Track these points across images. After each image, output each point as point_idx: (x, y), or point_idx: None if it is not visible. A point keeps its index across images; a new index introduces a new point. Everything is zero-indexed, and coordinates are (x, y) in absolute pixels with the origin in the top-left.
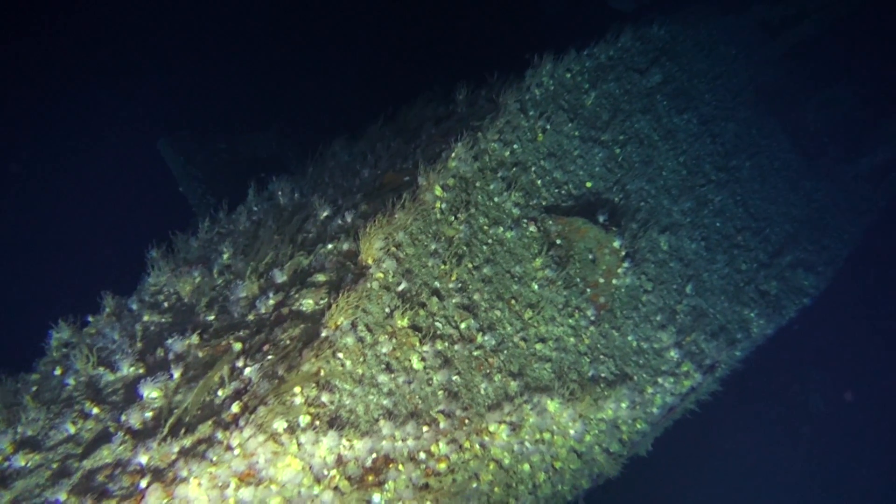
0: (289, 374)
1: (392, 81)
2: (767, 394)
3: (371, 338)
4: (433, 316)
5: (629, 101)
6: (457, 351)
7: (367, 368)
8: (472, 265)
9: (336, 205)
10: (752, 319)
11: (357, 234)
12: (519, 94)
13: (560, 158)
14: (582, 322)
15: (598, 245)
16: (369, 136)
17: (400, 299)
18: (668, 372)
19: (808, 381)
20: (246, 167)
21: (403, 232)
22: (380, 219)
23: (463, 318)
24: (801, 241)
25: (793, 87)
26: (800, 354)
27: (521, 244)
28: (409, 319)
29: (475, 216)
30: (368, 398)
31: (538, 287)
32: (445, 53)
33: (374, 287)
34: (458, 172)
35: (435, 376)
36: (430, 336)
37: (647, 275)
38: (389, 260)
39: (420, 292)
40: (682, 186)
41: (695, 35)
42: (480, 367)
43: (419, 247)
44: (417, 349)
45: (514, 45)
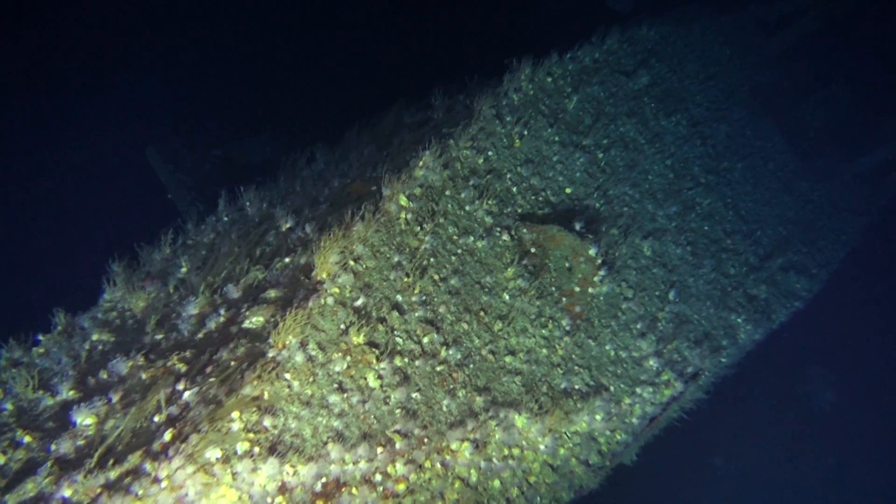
0: (228, 398)
1: (389, 83)
2: (771, 392)
3: (323, 356)
4: (393, 331)
5: (614, 104)
6: (418, 367)
7: (318, 389)
8: (439, 277)
9: (301, 215)
10: (740, 325)
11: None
12: (494, 100)
13: (538, 164)
14: (556, 332)
15: (573, 253)
16: (344, 143)
17: (356, 315)
18: (647, 381)
19: (813, 379)
20: (238, 173)
21: (363, 245)
22: (335, 232)
23: (426, 333)
24: (794, 244)
25: (790, 86)
26: (804, 353)
27: (493, 254)
28: (366, 336)
29: (444, 226)
30: (317, 420)
31: (509, 297)
32: (442, 55)
33: (328, 303)
34: (425, 181)
35: (392, 394)
36: (388, 352)
37: (628, 282)
38: (346, 274)
39: (380, 307)
40: (668, 190)
41: (686, 35)
42: (443, 383)
43: (381, 259)
44: (374, 367)
45: (509, 46)
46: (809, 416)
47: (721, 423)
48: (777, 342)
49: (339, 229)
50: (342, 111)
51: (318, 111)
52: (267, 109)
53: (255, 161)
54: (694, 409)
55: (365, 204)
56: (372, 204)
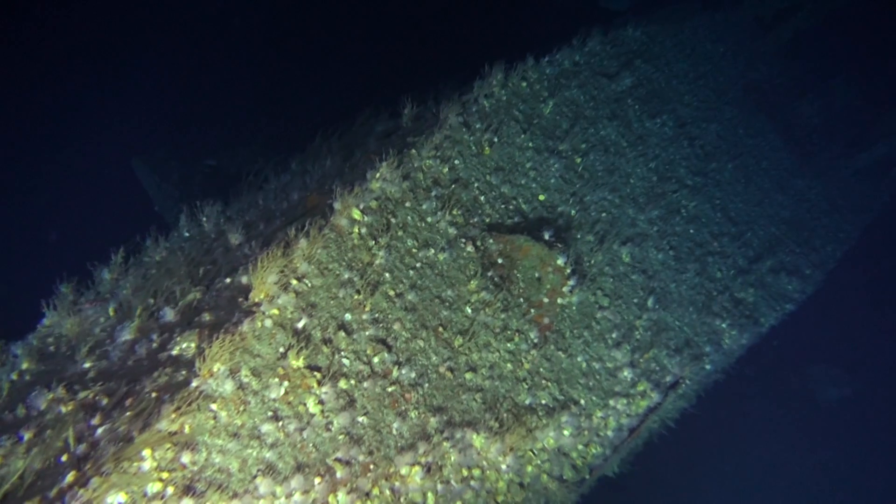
0: (140, 433)
1: (385, 87)
2: (775, 388)
3: (258, 383)
4: (339, 352)
5: (595, 107)
6: (366, 389)
7: (249, 418)
8: (395, 292)
9: (254, 231)
10: (724, 331)
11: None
12: (460, 107)
13: (509, 172)
14: (522, 346)
15: (541, 263)
16: (310, 152)
17: (297, 337)
18: (621, 393)
19: (818, 374)
20: (230, 184)
21: (307, 262)
22: (274, 251)
23: (376, 352)
24: (787, 244)
25: (787, 82)
26: (809, 349)
27: (456, 266)
28: (307, 359)
29: (402, 239)
30: (246, 452)
31: (472, 311)
32: (436, 57)
33: (265, 326)
34: (382, 194)
35: (335, 420)
36: (331, 375)
37: (604, 290)
38: (286, 295)
39: (326, 327)
40: (650, 194)
41: (676, 34)
42: (394, 405)
43: (329, 277)
44: (315, 391)
45: (502, 48)
46: (814, 414)
47: (725, 425)
48: (780, 341)
49: (278, 248)
50: (336, 117)
51: (311, 118)
52: (259, 118)
53: (249, 171)
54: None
55: (309, 220)
56: (322, 218)
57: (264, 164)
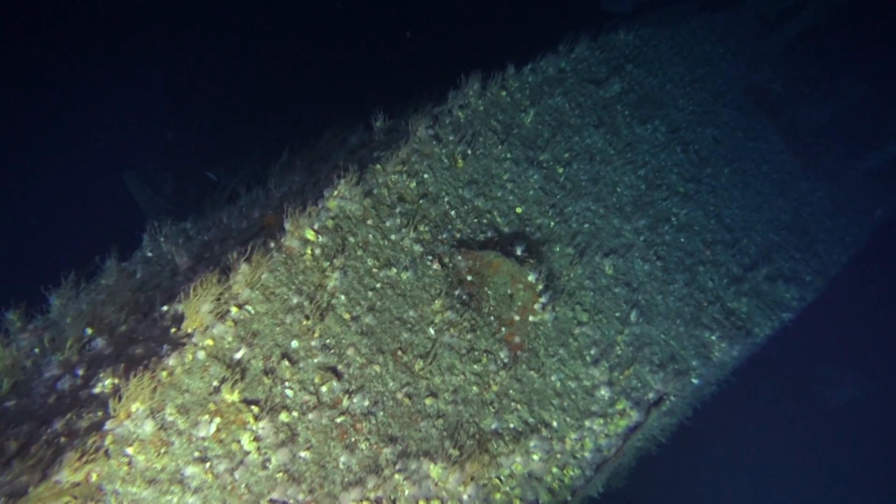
0: (37, 486)
1: (385, 94)
2: (783, 390)
3: (185, 421)
4: (282, 383)
5: (580, 115)
6: (310, 421)
7: (171, 461)
8: (350, 315)
9: (211, 252)
10: (714, 343)
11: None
12: (430, 120)
13: (484, 185)
14: (491, 367)
15: (511, 280)
16: (276, 168)
17: (233, 369)
18: (598, 413)
19: (824, 376)
20: (225, 196)
21: (250, 288)
22: (209, 278)
23: (325, 381)
24: (787, 250)
25: (792, 82)
26: (817, 351)
27: (420, 285)
28: (242, 392)
29: (362, 259)
30: (164, 500)
31: (435, 332)
32: (435, 62)
33: (198, 358)
34: (341, 212)
35: (273, 456)
36: (271, 408)
37: (583, 305)
38: (223, 324)
39: (269, 356)
40: (638, 203)
41: (672, 36)
42: (343, 436)
43: (275, 302)
44: (251, 427)
45: (497, 52)
46: (823, 415)
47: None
48: (788, 343)
49: (213, 274)
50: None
51: (310, 125)
52: (257, 127)
53: (245, 183)
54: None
55: (253, 242)
56: (272, 240)
57: (233, 179)
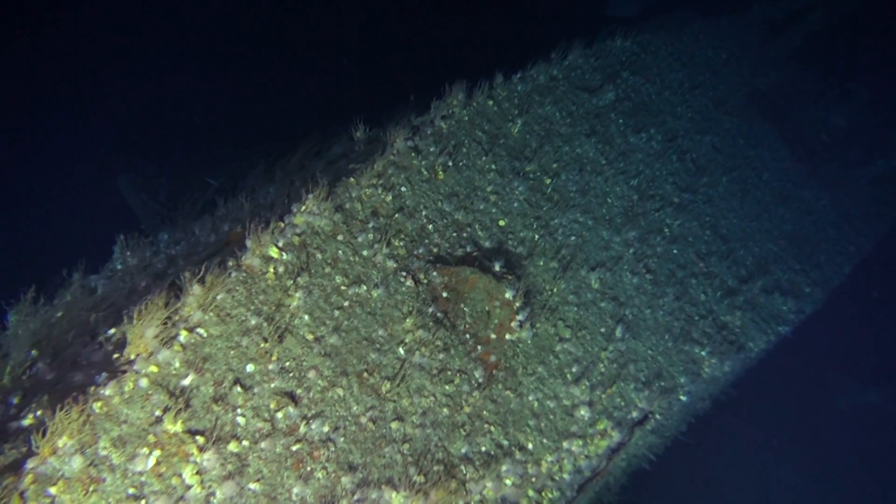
0: None
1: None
2: (792, 397)
3: (120, 455)
4: (233, 410)
5: (571, 124)
6: (263, 450)
7: (102, 499)
8: (314, 336)
9: (175, 268)
10: (703, 359)
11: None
12: (409, 131)
13: (465, 197)
14: (464, 387)
15: (488, 297)
16: (251, 179)
17: (177, 397)
18: (577, 434)
19: (835, 384)
20: (198, 207)
21: (202, 311)
22: (155, 301)
23: (281, 406)
24: (786, 261)
25: (798, 88)
26: (826, 358)
27: (392, 303)
28: (187, 422)
29: (330, 276)
30: None
31: (405, 352)
32: (436, 69)
33: (140, 386)
34: (308, 228)
35: (219, 490)
36: (218, 438)
37: (566, 321)
38: (169, 349)
39: (220, 381)
40: (629, 214)
41: (672, 42)
42: (298, 466)
43: (231, 324)
44: (194, 458)
45: (501, 58)
46: (833, 423)
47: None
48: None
49: (160, 297)
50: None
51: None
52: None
53: (248, 186)
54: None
55: (208, 262)
56: (232, 258)
57: (207, 189)
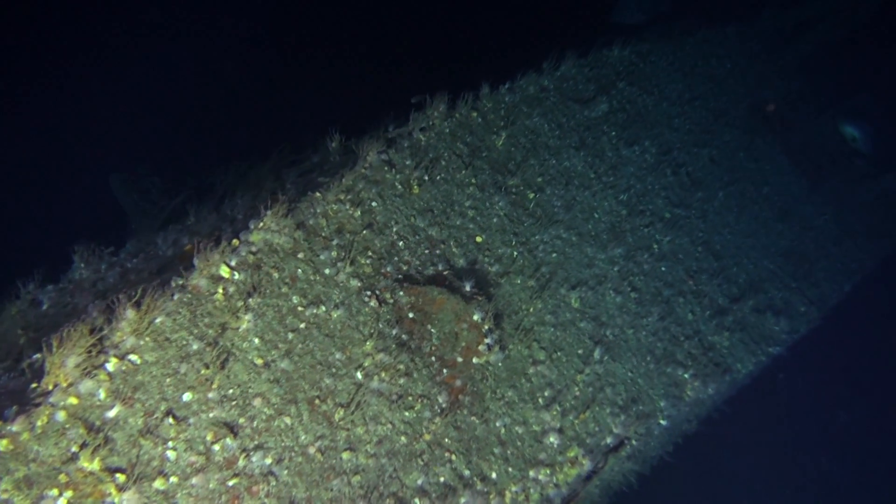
0: None
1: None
2: (790, 410)
3: (24, 499)
4: (163, 443)
5: (560, 136)
6: (194, 486)
7: None
8: (263, 361)
9: (125, 284)
10: (686, 381)
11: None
12: (383, 144)
13: (441, 213)
14: (425, 413)
15: (456, 318)
16: (219, 188)
17: (98, 431)
18: (545, 462)
19: (833, 397)
20: (164, 215)
21: (136, 336)
22: (79, 328)
23: (218, 438)
24: (781, 279)
25: (806, 99)
26: (824, 371)
27: (352, 325)
28: (105, 458)
29: (286, 296)
30: None
31: (362, 377)
32: (438, 77)
33: (56, 420)
34: (265, 246)
35: None
36: (142, 475)
37: (541, 342)
38: (93, 380)
39: (151, 412)
40: (616, 230)
41: (674, 52)
42: (233, 502)
43: (170, 349)
44: (111, 499)
45: (503, 64)
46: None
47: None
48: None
49: (85, 323)
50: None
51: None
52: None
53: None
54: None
55: (145, 285)
56: (178, 278)
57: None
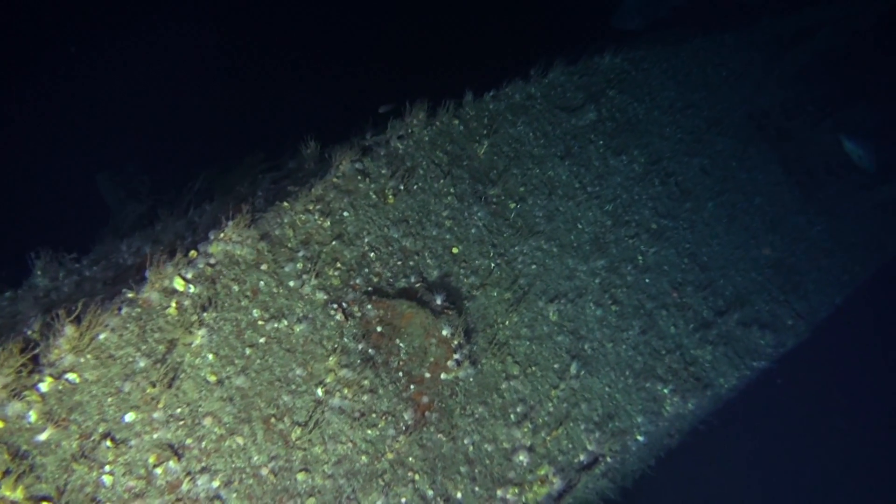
0: None
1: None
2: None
3: None
4: (100, 468)
5: (545, 145)
6: None
7: None
8: (216, 378)
9: (81, 294)
10: (665, 396)
11: None
12: (357, 153)
13: (416, 223)
14: (389, 431)
15: (424, 333)
16: (189, 195)
17: (21, 458)
18: (514, 481)
19: (831, 402)
20: (129, 221)
21: (76, 354)
22: (9, 346)
23: (162, 460)
24: (770, 291)
25: (803, 108)
26: (822, 376)
27: (315, 339)
28: (30, 487)
29: (246, 310)
30: None
31: (323, 394)
32: (434, 83)
33: None
34: (225, 258)
35: None
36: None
37: (516, 356)
38: (21, 402)
39: (88, 434)
40: (600, 241)
41: (668, 59)
42: None
43: (114, 367)
44: None
45: (502, 69)
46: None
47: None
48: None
49: (16, 342)
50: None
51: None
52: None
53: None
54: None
55: (84, 300)
56: (127, 291)
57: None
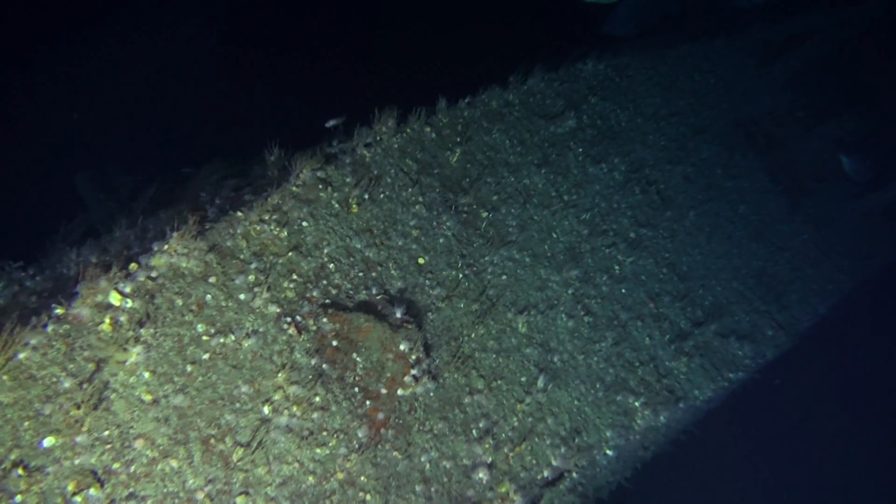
0: None
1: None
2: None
3: None
4: (9, 498)
5: (522, 153)
6: None
7: None
8: (152, 397)
9: (13, 308)
10: (636, 410)
11: None
12: (319, 160)
13: (381, 233)
14: (340, 450)
15: (382, 348)
16: (142, 203)
17: None
18: (472, 499)
19: (825, 399)
20: (81, 229)
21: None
22: None
23: (82, 488)
24: (750, 301)
25: (792, 115)
26: (816, 374)
27: (265, 354)
28: None
29: (190, 325)
30: None
31: (270, 412)
32: (425, 87)
33: None
34: (169, 270)
35: None
36: None
37: (480, 369)
38: None
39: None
40: (575, 251)
41: (654, 66)
42: None
43: (35, 388)
44: None
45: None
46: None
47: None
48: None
49: None
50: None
51: None
52: None
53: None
54: None
55: (9, 314)
56: (56, 306)
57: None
